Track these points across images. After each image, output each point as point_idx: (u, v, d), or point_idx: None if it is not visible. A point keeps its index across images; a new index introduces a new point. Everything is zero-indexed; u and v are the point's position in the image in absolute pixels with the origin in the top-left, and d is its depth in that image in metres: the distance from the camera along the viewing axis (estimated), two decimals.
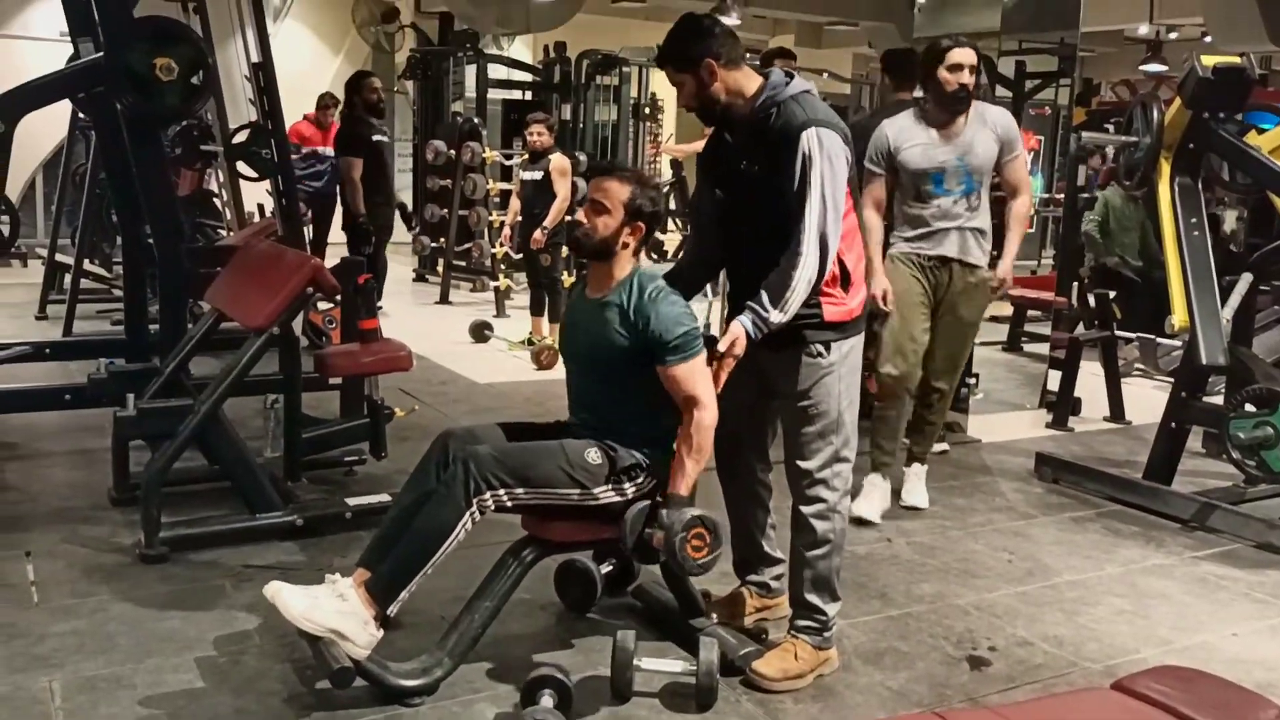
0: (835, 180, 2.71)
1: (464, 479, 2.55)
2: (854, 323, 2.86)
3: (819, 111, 2.75)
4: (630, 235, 2.79)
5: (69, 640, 2.90)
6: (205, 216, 8.65)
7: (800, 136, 2.68)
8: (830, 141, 2.69)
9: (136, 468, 3.89)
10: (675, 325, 2.69)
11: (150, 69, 4.11)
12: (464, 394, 6.04)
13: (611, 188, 2.78)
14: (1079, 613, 3.42)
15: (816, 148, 2.67)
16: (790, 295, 2.69)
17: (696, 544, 2.57)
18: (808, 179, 2.67)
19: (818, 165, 2.67)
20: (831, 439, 2.84)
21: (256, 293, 3.56)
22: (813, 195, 2.67)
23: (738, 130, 2.83)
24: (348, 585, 2.57)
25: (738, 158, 2.83)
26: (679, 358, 2.69)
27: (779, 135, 2.73)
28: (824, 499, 2.86)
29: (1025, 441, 5.59)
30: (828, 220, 2.69)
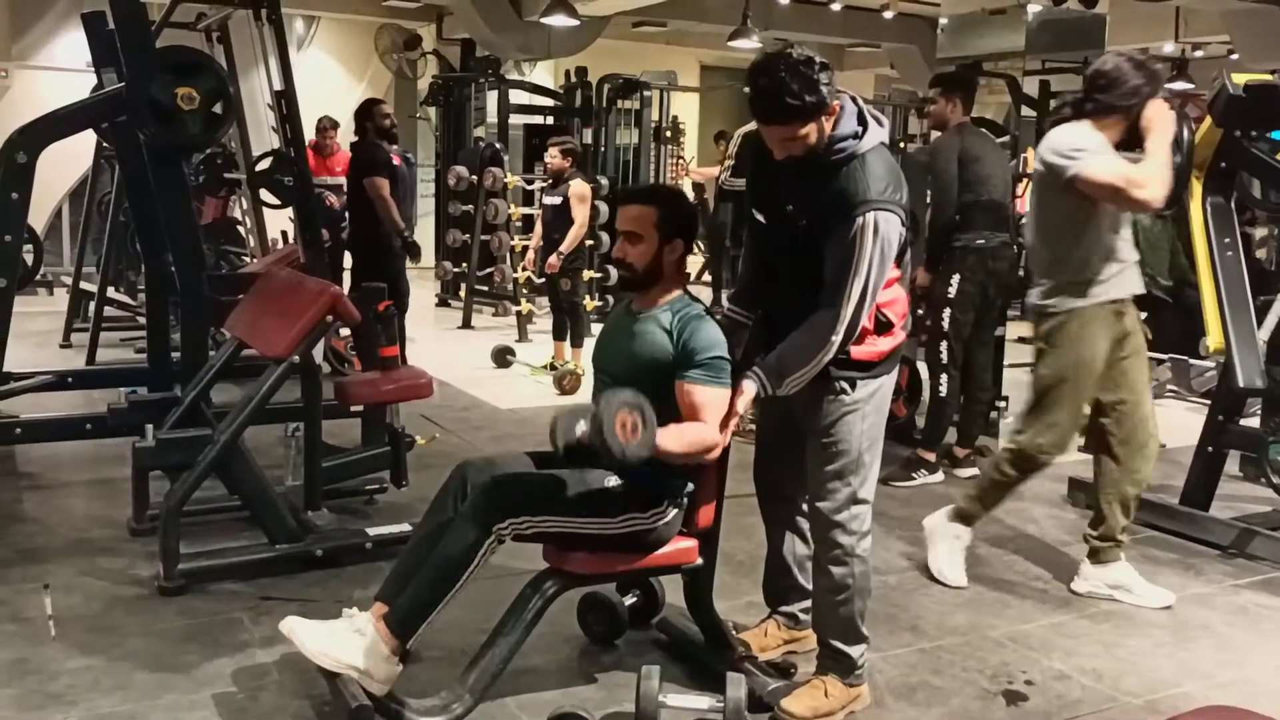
0: (882, 269, 2.57)
1: (483, 507, 2.50)
2: (882, 362, 2.75)
3: (883, 182, 2.55)
4: (671, 253, 2.74)
5: (84, 677, 2.86)
6: (229, 244, 8.71)
7: (856, 219, 2.52)
8: (887, 227, 2.53)
9: (157, 498, 3.86)
10: (711, 346, 2.65)
11: (172, 99, 4.13)
12: (486, 420, 6.00)
13: (638, 214, 2.73)
14: (1117, 644, 3.32)
15: (871, 236, 2.51)
16: (807, 371, 2.62)
17: (628, 421, 2.41)
18: (855, 265, 2.53)
19: (868, 254, 2.52)
20: (850, 479, 2.74)
21: (276, 321, 3.53)
22: (855, 283, 2.54)
23: (793, 164, 2.63)
24: (366, 619, 2.51)
25: (786, 196, 2.68)
26: (702, 376, 2.62)
27: (836, 200, 2.56)
28: (840, 544, 2.75)
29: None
30: (862, 310, 2.59)
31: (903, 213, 2.60)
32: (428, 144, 12.80)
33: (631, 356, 2.74)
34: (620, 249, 2.75)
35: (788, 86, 2.47)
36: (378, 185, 6.37)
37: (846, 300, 2.56)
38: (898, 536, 4.24)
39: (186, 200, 4.45)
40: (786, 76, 2.48)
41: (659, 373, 2.67)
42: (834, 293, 2.58)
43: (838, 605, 2.77)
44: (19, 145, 4.30)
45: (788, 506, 3.02)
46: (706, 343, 2.65)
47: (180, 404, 3.90)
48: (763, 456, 3.03)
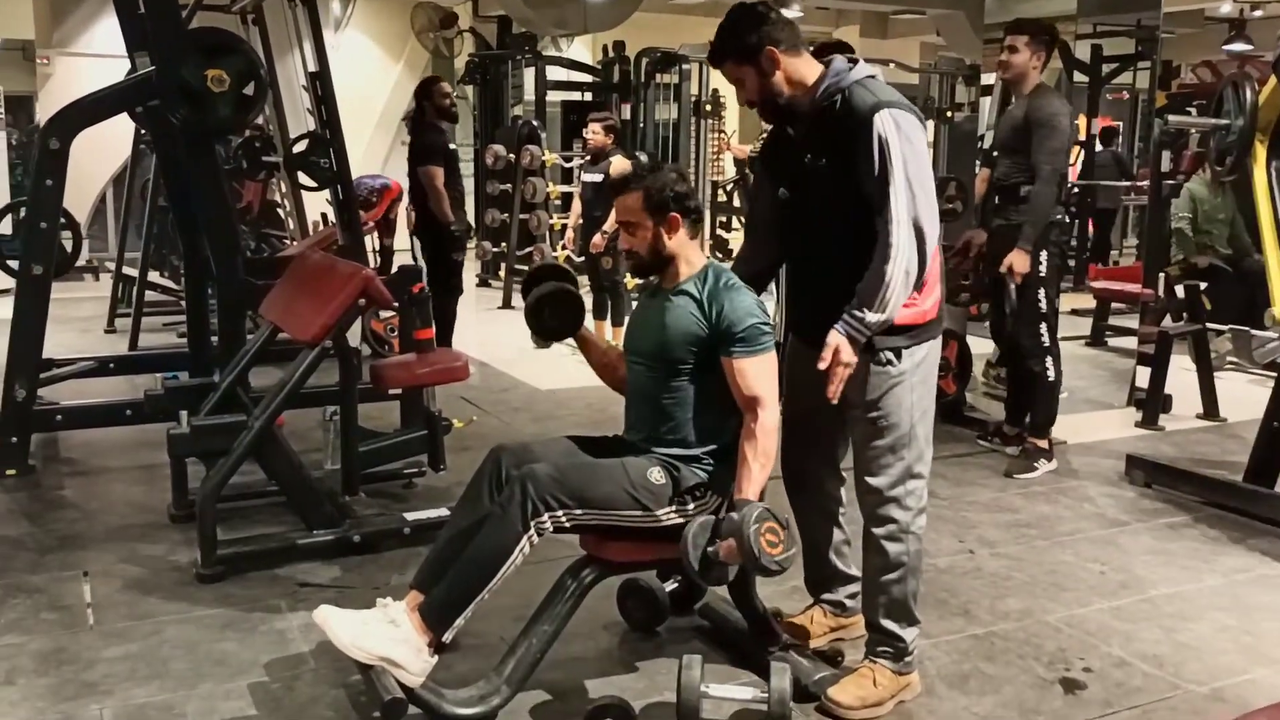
0: (919, 161, 2.49)
1: (521, 500, 2.42)
2: (927, 326, 2.64)
3: (888, 93, 2.54)
4: (669, 229, 2.66)
5: (121, 665, 2.83)
6: (269, 227, 8.73)
7: (873, 119, 2.46)
8: (906, 122, 2.49)
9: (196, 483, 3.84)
10: (747, 315, 2.57)
11: (202, 81, 4.09)
12: (525, 401, 5.94)
13: (625, 203, 2.68)
14: (1178, 629, 3.18)
15: (893, 129, 2.45)
16: (887, 294, 2.47)
17: (770, 539, 2.38)
18: (888, 164, 2.45)
19: (897, 147, 2.45)
20: (903, 453, 2.64)
21: (309, 305, 3.48)
22: (896, 180, 2.44)
23: (800, 123, 2.63)
24: (400, 610, 2.45)
25: (801, 153, 2.63)
26: (745, 350, 2.56)
27: (847, 122, 2.51)
28: (895, 519, 2.65)
29: (1114, 442, 5.31)
30: (919, 205, 2.47)
31: (916, 115, 2.54)
32: (465, 123, 12.73)
33: (663, 332, 2.66)
34: (623, 240, 2.74)
35: (732, 26, 2.57)
36: (431, 174, 6.26)
37: (895, 201, 2.44)
38: (947, 519, 4.12)
39: (220, 183, 4.41)
40: (736, 18, 2.58)
41: (692, 345, 2.61)
42: (881, 201, 2.47)
43: (890, 584, 2.68)
44: (52, 132, 4.29)
45: (819, 495, 2.92)
46: (742, 312, 2.58)
47: (216, 390, 3.87)
48: (789, 443, 2.91)
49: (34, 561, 3.54)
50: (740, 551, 2.38)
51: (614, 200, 2.74)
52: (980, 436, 5.16)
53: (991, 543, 3.87)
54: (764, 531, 2.38)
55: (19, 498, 4.19)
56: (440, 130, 6.48)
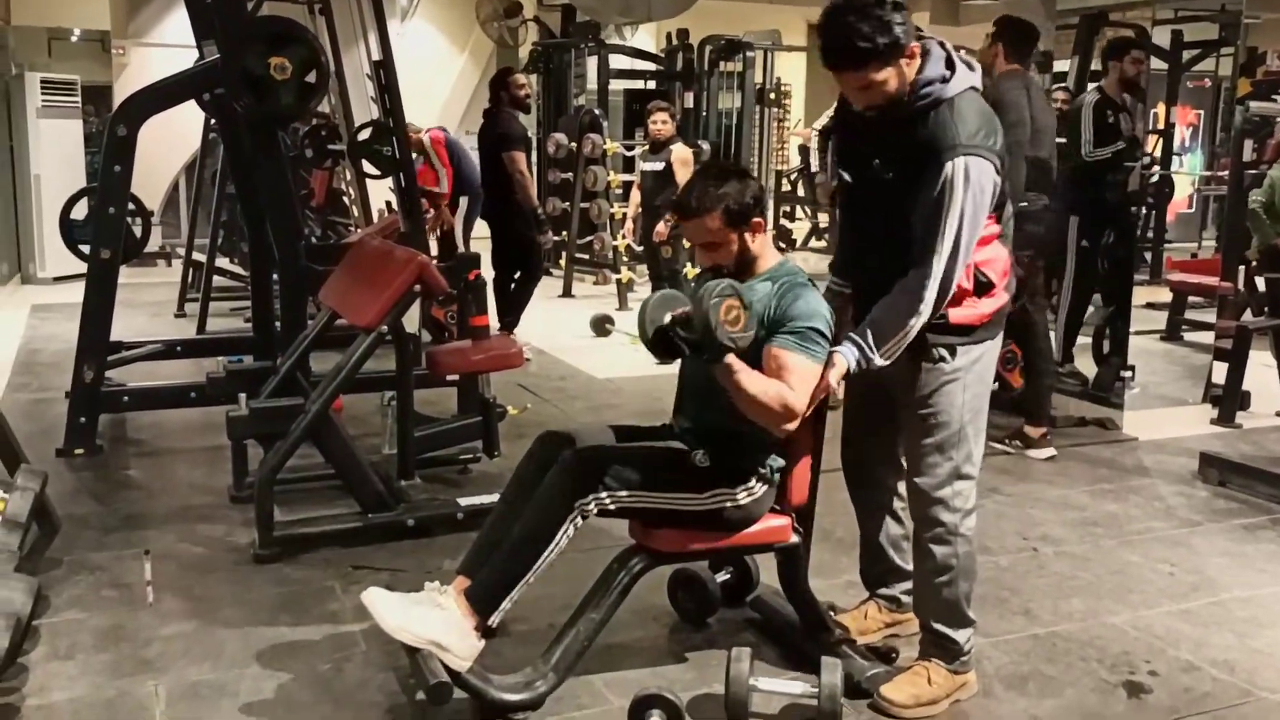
0: (975, 219, 2.36)
1: (565, 482, 2.40)
2: (985, 327, 2.54)
3: (973, 126, 2.36)
4: (754, 234, 2.58)
5: (177, 644, 2.87)
6: (334, 214, 8.83)
7: (945, 164, 2.33)
8: (979, 173, 2.34)
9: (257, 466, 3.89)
10: (810, 316, 2.47)
11: (265, 69, 4.12)
12: (582, 390, 5.93)
13: (704, 225, 2.55)
14: (1252, 635, 3.06)
15: (961, 183, 2.32)
16: (899, 341, 2.43)
17: (731, 315, 2.26)
18: (945, 215, 2.34)
19: (958, 203, 2.33)
20: (952, 454, 2.54)
21: (365, 291, 3.49)
22: (945, 236, 2.35)
23: (880, 120, 2.45)
24: (447, 594, 2.44)
25: (871, 153, 2.50)
26: (792, 342, 2.44)
27: (924, 149, 2.37)
28: (942, 521, 2.57)
29: (1188, 439, 5.13)
30: (956, 265, 2.38)
31: (996, 160, 2.39)
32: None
33: None
34: (704, 257, 2.63)
35: (856, 29, 2.30)
36: (515, 159, 6.29)
37: (937, 256, 2.35)
38: (1010, 516, 4.01)
39: (283, 170, 4.45)
40: (855, 19, 2.31)
41: (758, 344, 2.50)
42: (923, 249, 2.38)
43: (940, 587, 2.60)
44: (120, 119, 4.37)
45: (877, 488, 2.85)
46: (805, 311, 2.48)
47: (276, 373, 3.91)
48: (849, 437, 2.85)
49: (97, 540, 3.61)
50: (695, 312, 2.27)
51: (684, 223, 2.62)
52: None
53: (1056, 541, 3.76)
54: (725, 308, 2.25)
55: (85, 477, 4.28)
56: (516, 118, 6.51)
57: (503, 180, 6.37)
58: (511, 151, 6.26)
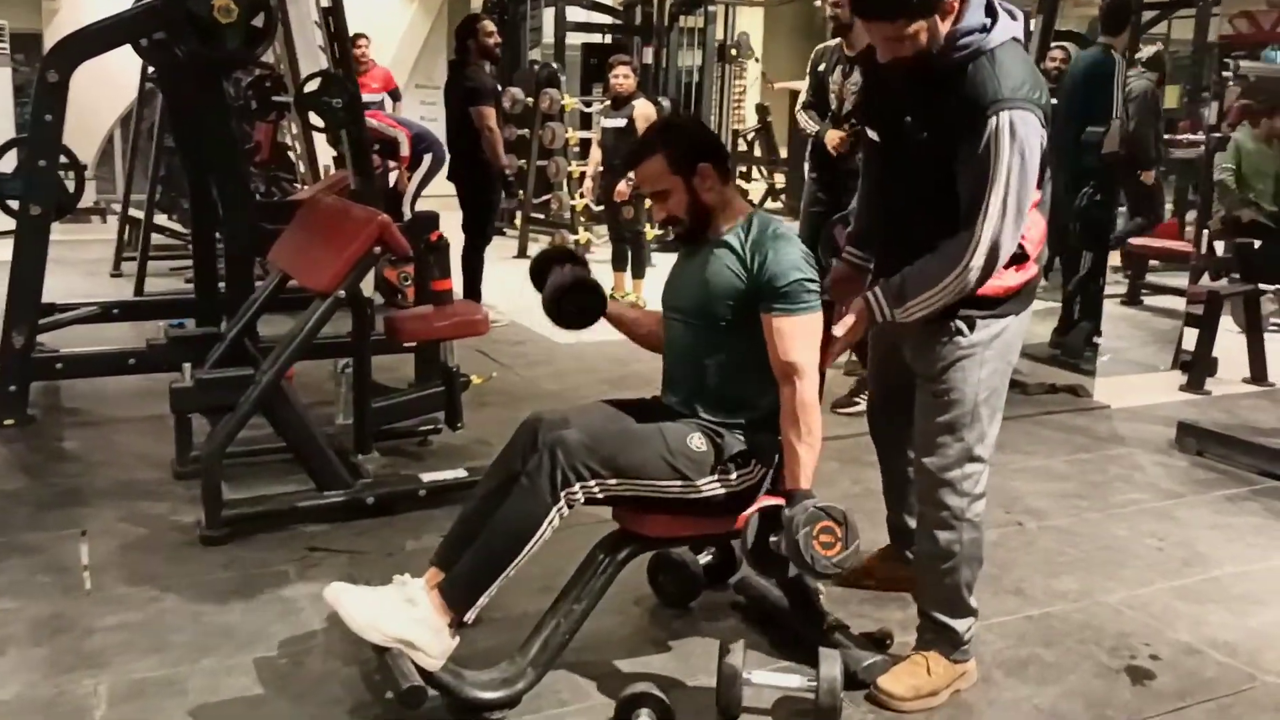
0: (1024, 179, 2.18)
1: (550, 469, 2.21)
2: (1011, 300, 2.37)
3: (1017, 78, 2.17)
4: (704, 183, 2.41)
5: (120, 635, 2.65)
6: (280, 170, 8.47)
7: (989, 119, 2.14)
8: (1025, 129, 2.15)
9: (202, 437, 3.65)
10: (791, 270, 2.32)
11: (209, 10, 3.84)
12: (544, 355, 5.72)
13: (647, 172, 2.44)
14: (1249, 613, 2.97)
15: (1008, 139, 2.14)
16: (928, 300, 2.27)
17: (825, 539, 2.19)
18: (992, 175, 2.16)
19: (1005, 160, 2.15)
20: (963, 434, 2.39)
21: (321, 253, 3.26)
22: (994, 196, 2.17)
23: (912, 75, 2.26)
24: (419, 588, 2.25)
25: (902, 110, 2.31)
26: (785, 308, 2.32)
27: (964, 105, 2.18)
28: (948, 505, 2.42)
29: (1160, 407, 5.08)
30: (1005, 228, 2.19)
31: (1041, 114, 2.20)
32: None
33: (704, 287, 2.43)
34: (658, 210, 2.49)
35: None
36: (484, 115, 5.95)
37: (984, 218, 2.18)
38: (992, 487, 3.86)
39: (228, 122, 4.18)
40: None
41: (731, 300, 2.38)
42: (969, 212, 2.20)
43: (942, 575, 2.46)
44: (51, 63, 4.05)
45: (901, 441, 2.70)
46: (785, 266, 2.33)
47: (222, 340, 3.66)
48: (876, 385, 2.77)
49: (31, 518, 3.36)
50: (790, 556, 2.21)
51: (634, 175, 2.52)
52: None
53: (1041, 514, 3.65)
54: (817, 533, 2.20)
55: (17, 449, 4.01)
56: (485, 70, 6.19)
57: (472, 138, 6.07)
58: (480, 106, 5.94)
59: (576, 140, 8.81)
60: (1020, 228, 2.23)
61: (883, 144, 2.44)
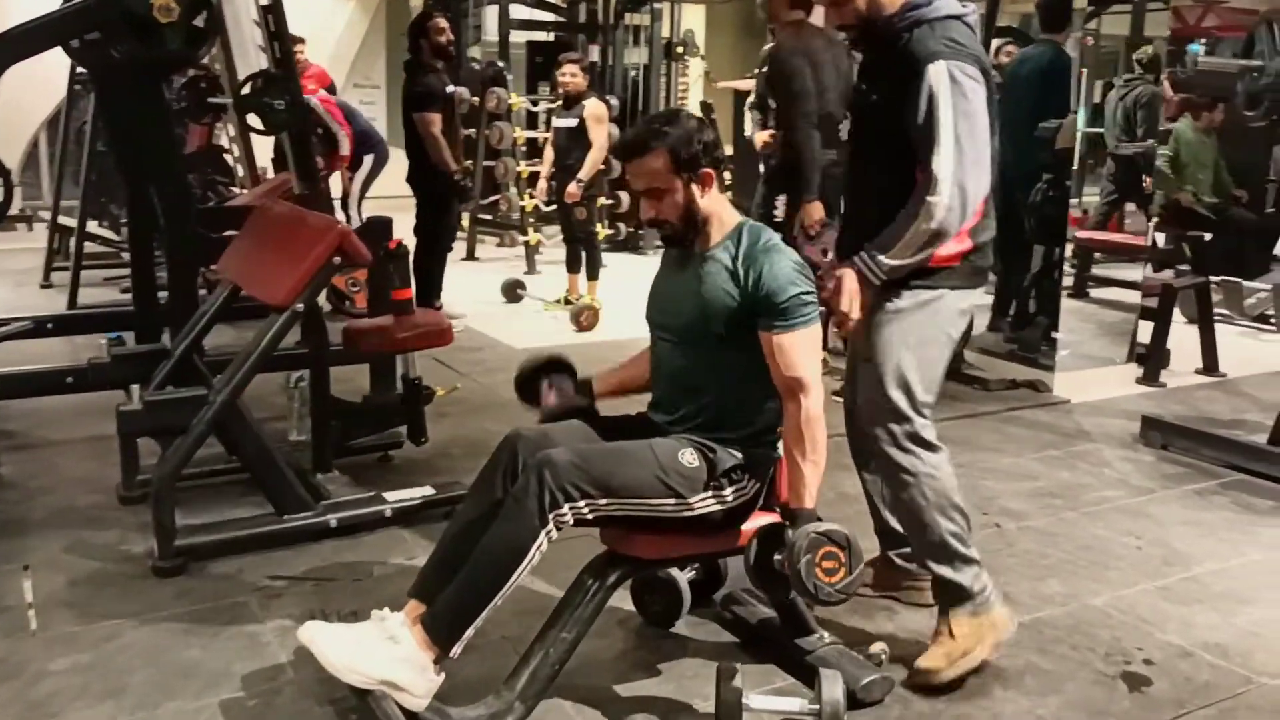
0: (972, 119, 2.33)
1: (537, 490, 2.09)
2: (944, 271, 2.45)
3: (956, 39, 2.35)
4: (703, 187, 2.31)
5: (72, 679, 2.47)
6: (216, 174, 8.20)
7: (927, 70, 2.31)
8: (963, 73, 2.32)
9: (151, 458, 3.47)
10: (787, 285, 2.23)
11: (148, 9, 3.64)
12: (502, 362, 5.57)
13: (647, 167, 2.28)
14: (1235, 612, 2.95)
15: (946, 83, 2.30)
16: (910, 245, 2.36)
17: (828, 565, 2.11)
18: (935, 120, 2.31)
19: (947, 103, 2.29)
20: (894, 394, 2.45)
21: (276, 264, 3.09)
22: (944, 134, 2.30)
23: (869, 49, 2.50)
24: (399, 623, 2.12)
25: (862, 82, 2.50)
26: (785, 324, 2.23)
27: (905, 63, 2.35)
28: (900, 465, 2.49)
29: (1119, 400, 5.11)
30: (965, 167, 2.31)
31: (978, 69, 2.35)
32: None
33: (695, 305, 2.32)
34: (647, 209, 2.34)
35: None
36: (427, 121, 5.76)
37: (938, 156, 2.30)
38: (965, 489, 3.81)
39: (169, 125, 3.99)
40: None
41: (726, 318, 2.28)
42: (925, 158, 2.33)
43: (920, 531, 2.53)
44: None
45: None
46: (781, 281, 2.23)
47: (170, 357, 3.48)
48: (852, 408, 2.75)
49: None
50: (793, 584, 2.15)
51: (626, 166, 2.34)
52: None
53: (1018, 515, 3.62)
54: (820, 559, 2.13)
55: None
56: (437, 71, 6.00)
57: (421, 143, 5.90)
58: (424, 113, 5.77)
59: (524, 140, 8.65)
60: (984, 171, 2.35)
61: (851, 124, 2.63)
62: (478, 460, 3.96)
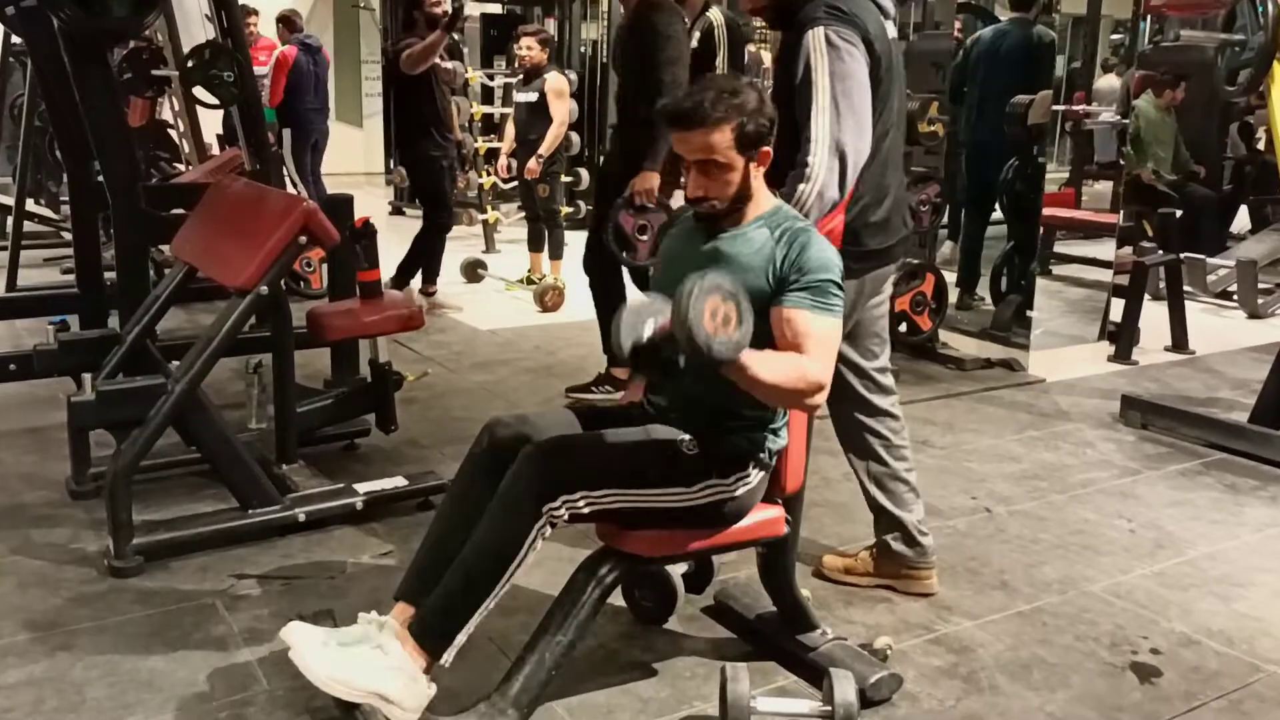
0: (848, 81, 2.38)
1: (528, 484, 1.95)
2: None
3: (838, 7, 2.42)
4: (760, 165, 2.14)
5: (25, 694, 2.29)
6: (160, 149, 7.90)
7: (806, 34, 2.39)
8: (840, 37, 2.38)
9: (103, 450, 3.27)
10: (821, 268, 2.06)
11: None
12: (466, 344, 5.40)
13: (711, 140, 2.06)
14: (1233, 596, 2.90)
15: (823, 46, 2.37)
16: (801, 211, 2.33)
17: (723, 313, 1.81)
18: (812, 83, 2.37)
19: (824, 66, 2.36)
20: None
21: (236, 244, 2.90)
22: (819, 99, 2.36)
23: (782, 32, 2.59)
24: (386, 629, 1.97)
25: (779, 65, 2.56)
26: (807, 300, 2.04)
27: (796, 34, 2.44)
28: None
29: (1093, 379, 5.08)
30: (843, 126, 2.36)
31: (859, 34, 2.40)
32: (371, 37, 11.88)
33: None
34: (697, 185, 2.11)
35: None
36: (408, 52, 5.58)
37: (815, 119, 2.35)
38: (950, 471, 3.79)
39: (115, 98, 3.75)
40: None
41: (761, 305, 2.06)
42: (803, 121, 2.37)
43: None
44: None
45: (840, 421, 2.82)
46: (818, 262, 2.07)
47: (121, 343, 3.27)
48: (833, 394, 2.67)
49: None
50: (677, 328, 1.79)
51: (682, 135, 2.09)
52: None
53: (1005, 498, 3.54)
54: (709, 311, 1.78)
55: None
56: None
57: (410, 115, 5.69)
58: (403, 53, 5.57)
59: (480, 115, 8.43)
60: (866, 132, 2.39)
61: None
62: (446, 447, 3.87)
